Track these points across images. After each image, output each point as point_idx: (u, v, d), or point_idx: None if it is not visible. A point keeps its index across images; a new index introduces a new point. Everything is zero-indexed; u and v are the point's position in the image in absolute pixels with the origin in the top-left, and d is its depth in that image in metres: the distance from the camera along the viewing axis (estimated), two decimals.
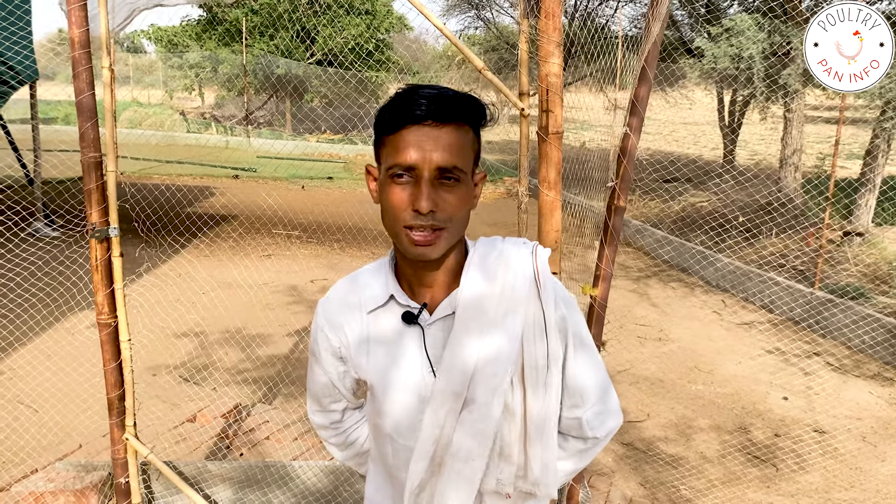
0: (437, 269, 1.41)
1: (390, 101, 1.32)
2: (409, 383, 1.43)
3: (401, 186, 1.30)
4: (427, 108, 1.27)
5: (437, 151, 1.28)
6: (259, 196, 12.15)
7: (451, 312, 1.42)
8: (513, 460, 1.47)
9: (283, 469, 3.44)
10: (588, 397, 1.51)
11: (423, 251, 1.32)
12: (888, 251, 8.33)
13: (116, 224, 2.70)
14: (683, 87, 17.58)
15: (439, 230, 1.31)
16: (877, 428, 5.08)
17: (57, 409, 4.33)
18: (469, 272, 1.41)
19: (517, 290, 1.41)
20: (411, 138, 1.28)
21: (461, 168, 1.31)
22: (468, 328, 1.39)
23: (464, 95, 1.32)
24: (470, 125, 1.34)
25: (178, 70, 26.32)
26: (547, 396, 1.44)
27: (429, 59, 32.05)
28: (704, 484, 4.22)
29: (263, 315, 6.51)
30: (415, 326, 1.43)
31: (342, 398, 1.63)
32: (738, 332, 7.06)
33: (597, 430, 1.53)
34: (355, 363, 1.50)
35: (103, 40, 2.63)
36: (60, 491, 3.25)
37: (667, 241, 10.04)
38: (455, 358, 1.39)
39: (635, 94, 2.32)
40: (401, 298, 1.44)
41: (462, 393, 1.39)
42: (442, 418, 1.40)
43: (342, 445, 1.71)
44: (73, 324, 5.69)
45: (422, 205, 1.27)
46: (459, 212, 1.33)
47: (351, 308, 1.49)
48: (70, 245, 7.52)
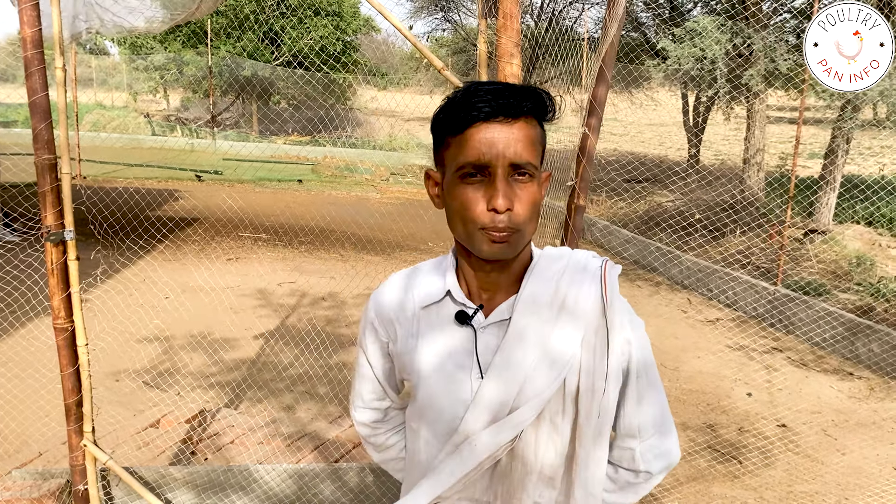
0: (502, 271, 1.35)
1: (451, 100, 1.27)
2: (455, 387, 1.36)
3: (473, 187, 1.25)
4: (496, 103, 1.22)
5: (511, 147, 1.22)
6: (224, 199, 12.03)
7: (507, 318, 1.35)
8: (555, 485, 1.39)
9: (247, 472, 3.40)
10: (645, 429, 1.42)
11: (501, 249, 1.26)
12: (848, 249, 8.49)
13: (72, 227, 2.66)
14: (649, 88, 17.78)
15: (515, 230, 1.25)
16: (837, 421, 5.17)
17: (13, 417, 4.24)
18: (531, 278, 1.35)
19: (580, 305, 1.34)
20: (482, 136, 1.22)
21: (534, 164, 1.26)
22: (523, 337, 1.32)
23: (530, 88, 1.27)
24: (537, 119, 1.29)
25: (143, 72, 25.97)
26: (600, 422, 1.36)
27: (397, 60, 32.00)
28: (670, 481, 4.26)
29: (229, 319, 6.44)
30: (468, 328, 1.36)
31: (386, 396, 1.57)
32: (702, 330, 7.15)
33: (651, 465, 1.43)
34: (401, 361, 1.44)
35: (56, 40, 2.59)
36: (16, 499, 3.18)
37: (633, 241, 10.13)
38: (506, 365, 1.32)
39: (593, 94, 2.34)
40: (458, 296, 1.38)
41: (508, 404, 1.32)
42: (479, 427, 1.33)
43: (381, 447, 1.63)
44: (29, 329, 5.58)
45: (499, 203, 1.21)
46: (533, 210, 1.27)
47: (404, 302, 1.44)
48: (25, 249, 7.38)
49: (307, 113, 23.64)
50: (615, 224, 11.25)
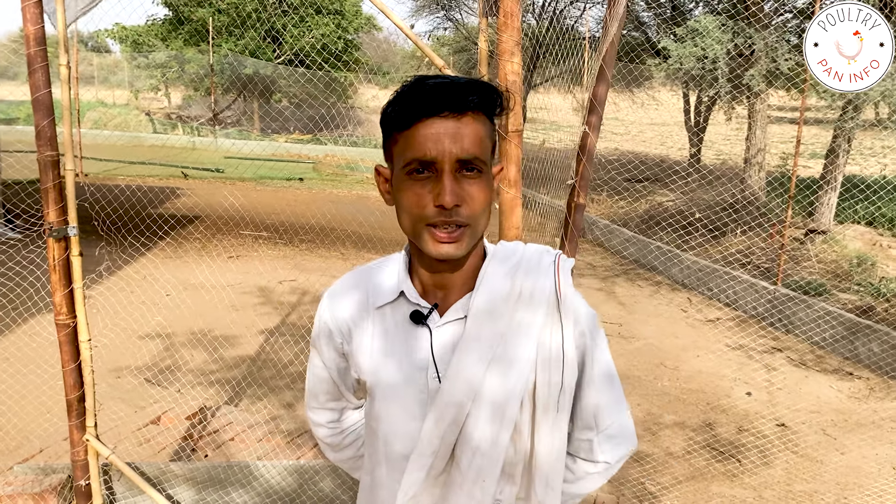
0: (454, 269, 1.33)
1: (398, 94, 1.24)
2: (411, 387, 1.35)
3: (420, 183, 1.23)
4: (442, 98, 1.19)
5: (458, 143, 1.20)
6: (225, 197, 12.04)
7: (462, 316, 1.33)
8: (515, 480, 1.38)
9: (247, 468, 3.42)
10: (602, 420, 1.42)
11: (449, 250, 1.24)
12: (848, 249, 8.50)
13: (75, 223, 2.67)
14: (650, 87, 17.78)
15: (463, 227, 1.23)
16: (836, 421, 5.18)
17: (15, 412, 4.25)
18: (486, 276, 1.34)
19: (535, 300, 1.33)
20: (428, 131, 1.20)
21: (482, 159, 1.23)
22: (480, 335, 1.31)
23: (478, 82, 1.24)
24: (486, 114, 1.26)
25: (144, 70, 25.99)
26: (558, 416, 1.36)
27: (398, 59, 32.04)
28: (669, 480, 4.26)
29: (229, 316, 6.45)
30: (423, 327, 1.34)
31: (341, 396, 1.55)
32: (703, 329, 7.16)
33: (608, 455, 1.44)
34: (356, 361, 1.42)
35: (60, 37, 2.60)
36: (18, 494, 3.19)
37: (634, 240, 10.14)
38: (463, 365, 1.30)
39: (594, 92, 2.35)
40: (411, 296, 1.36)
41: (467, 404, 1.31)
42: (443, 429, 1.32)
43: (338, 446, 1.62)
44: (31, 325, 5.60)
45: (445, 199, 1.19)
46: (482, 206, 1.25)
47: (357, 302, 1.41)
48: (28, 245, 7.39)
49: (308, 111, 23.65)
50: (616, 223, 11.26)
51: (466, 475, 1.33)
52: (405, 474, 1.35)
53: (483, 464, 1.33)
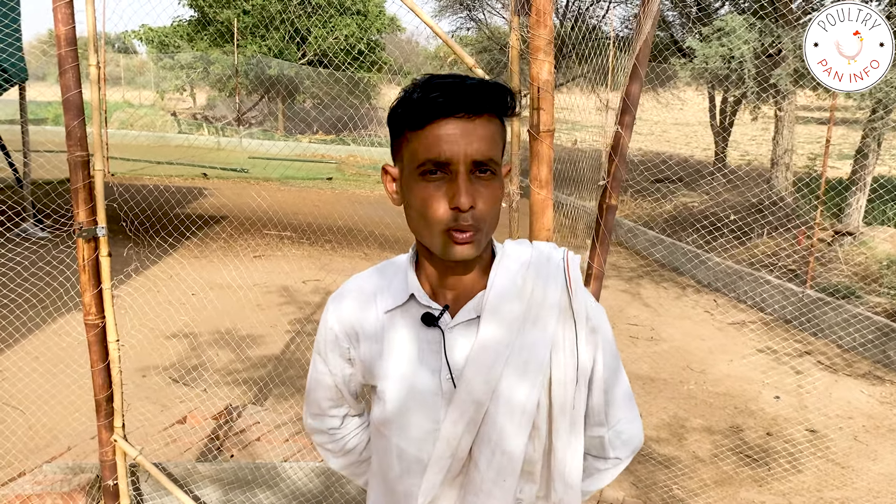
0: (466, 270, 1.32)
1: (410, 93, 1.22)
2: (425, 391, 1.33)
3: (434, 184, 1.21)
4: (458, 98, 1.18)
5: (473, 144, 1.19)
6: (252, 197, 12.11)
7: (475, 316, 1.32)
8: (535, 479, 1.37)
9: (274, 470, 3.42)
10: (612, 416, 1.43)
11: (465, 251, 1.22)
12: (878, 251, 8.35)
13: (104, 223, 2.67)
14: (675, 87, 17.63)
15: (478, 228, 1.22)
16: (868, 427, 5.09)
17: (44, 412, 4.29)
18: (497, 275, 1.32)
19: (548, 298, 1.33)
20: (443, 132, 1.18)
21: (496, 160, 1.23)
22: (495, 334, 1.30)
23: (492, 83, 1.23)
24: (498, 115, 1.25)
25: (170, 71, 26.22)
26: (575, 413, 1.35)
27: (420, 59, 32.07)
28: (697, 484, 4.21)
29: (254, 316, 6.47)
30: (435, 329, 1.32)
31: (344, 403, 1.52)
32: (729, 332, 7.07)
33: (619, 451, 1.46)
34: (366, 367, 1.40)
35: (90, 37, 2.61)
36: (47, 493, 3.21)
37: (659, 242, 10.05)
38: (478, 366, 1.29)
39: (627, 91, 2.31)
40: (422, 298, 1.34)
41: (484, 404, 1.30)
42: (461, 430, 1.31)
43: (339, 453, 1.60)
44: (60, 325, 5.65)
45: (462, 201, 1.18)
46: (495, 207, 1.24)
47: (365, 306, 1.39)
48: (57, 245, 7.47)
49: (332, 112, 23.73)
50: (640, 224, 11.17)
51: (486, 475, 1.32)
52: (424, 478, 1.34)
53: (503, 463, 1.32)
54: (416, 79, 1.26)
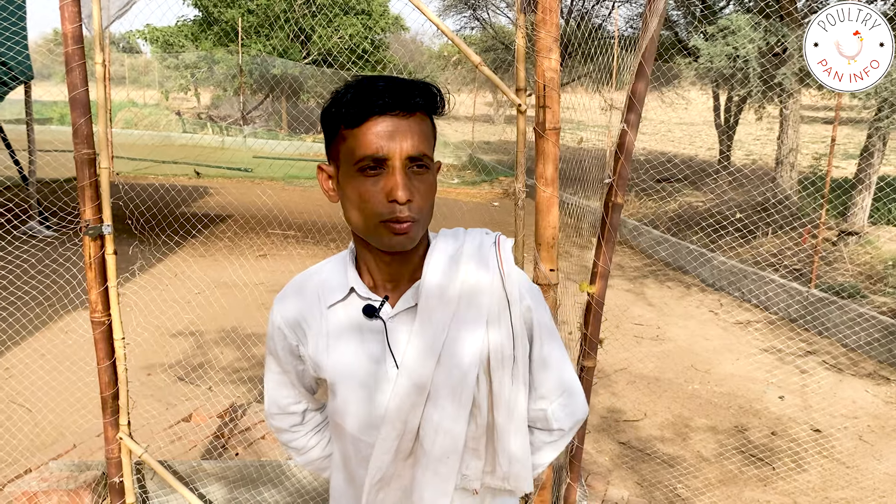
0: (403, 262, 1.38)
1: (345, 93, 1.28)
2: (373, 379, 1.39)
3: (372, 179, 1.27)
4: (393, 97, 1.25)
5: (408, 140, 1.26)
6: (258, 196, 12.13)
7: (413, 305, 1.39)
8: (479, 455, 1.44)
9: (279, 468, 3.42)
10: (554, 389, 1.49)
11: (403, 240, 1.29)
12: (883, 250, 8.34)
13: (110, 221, 2.68)
14: (679, 86, 17.60)
15: (415, 220, 1.29)
16: (873, 426, 5.08)
17: (50, 409, 4.31)
18: (431, 263, 1.39)
19: (481, 281, 1.39)
20: (380, 129, 1.25)
21: (429, 156, 1.31)
22: (431, 320, 1.36)
23: (424, 84, 1.31)
24: (429, 113, 1.33)
25: (174, 70, 26.25)
26: (513, 388, 1.41)
27: (425, 59, 32.06)
28: (702, 483, 4.21)
29: (259, 314, 6.48)
30: (376, 320, 1.39)
31: (302, 399, 1.59)
32: (734, 331, 7.06)
33: (563, 422, 1.51)
34: (315, 361, 1.45)
35: (96, 36, 2.61)
36: (53, 490, 3.22)
37: (663, 241, 10.04)
38: (418, 350, 1.36)
39: (633, 89, 2.31)
40: (361, 291, 1.40)
41: (426, 386, 1.36)
42: (405, 412, 1.37)
43: (302, 449, 1.66)
44: (66, 322, 5.66)
45: (399, 195, 1.24)
46: (430, 200, 1.32)
47: (309, 304, 1.45)
48: (63, 244, 7.49)
49: None
50: (644, 223, 11.16)
51: (431, 454, 1.39)
52: (371, 459, 1.41)
53: (446, 442, 1.39)
54: (348, 80, 1.33)
